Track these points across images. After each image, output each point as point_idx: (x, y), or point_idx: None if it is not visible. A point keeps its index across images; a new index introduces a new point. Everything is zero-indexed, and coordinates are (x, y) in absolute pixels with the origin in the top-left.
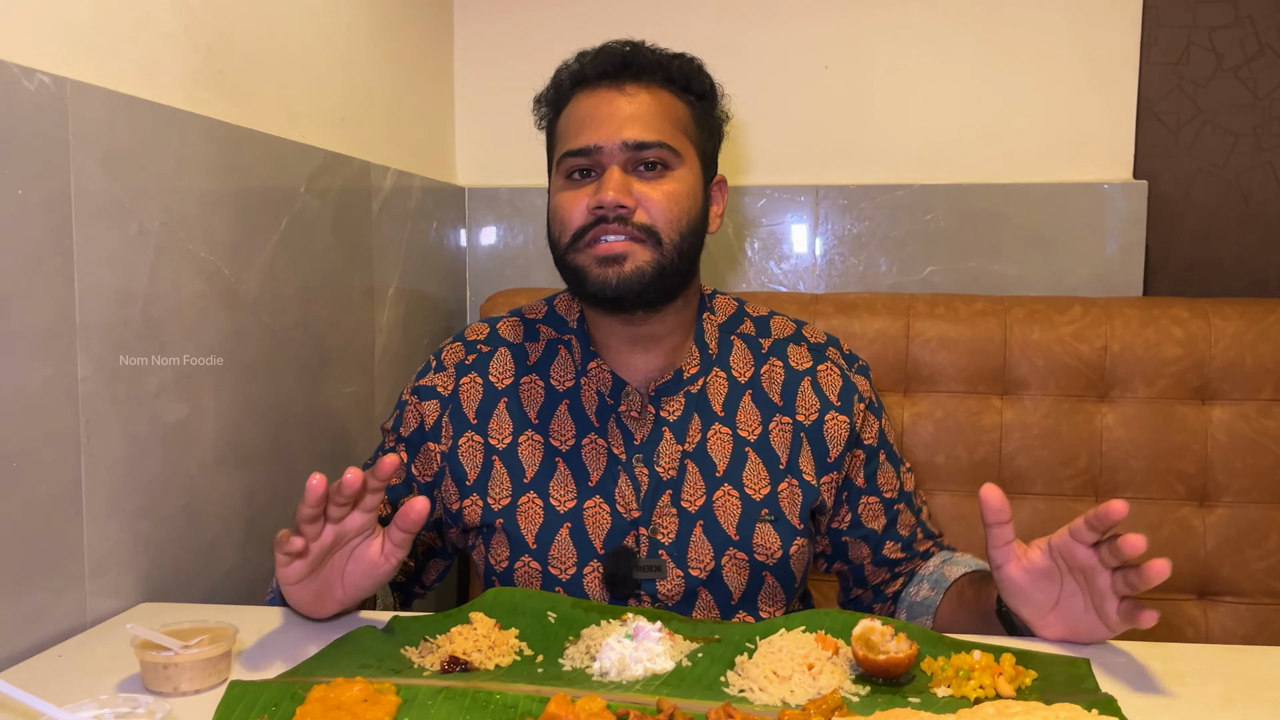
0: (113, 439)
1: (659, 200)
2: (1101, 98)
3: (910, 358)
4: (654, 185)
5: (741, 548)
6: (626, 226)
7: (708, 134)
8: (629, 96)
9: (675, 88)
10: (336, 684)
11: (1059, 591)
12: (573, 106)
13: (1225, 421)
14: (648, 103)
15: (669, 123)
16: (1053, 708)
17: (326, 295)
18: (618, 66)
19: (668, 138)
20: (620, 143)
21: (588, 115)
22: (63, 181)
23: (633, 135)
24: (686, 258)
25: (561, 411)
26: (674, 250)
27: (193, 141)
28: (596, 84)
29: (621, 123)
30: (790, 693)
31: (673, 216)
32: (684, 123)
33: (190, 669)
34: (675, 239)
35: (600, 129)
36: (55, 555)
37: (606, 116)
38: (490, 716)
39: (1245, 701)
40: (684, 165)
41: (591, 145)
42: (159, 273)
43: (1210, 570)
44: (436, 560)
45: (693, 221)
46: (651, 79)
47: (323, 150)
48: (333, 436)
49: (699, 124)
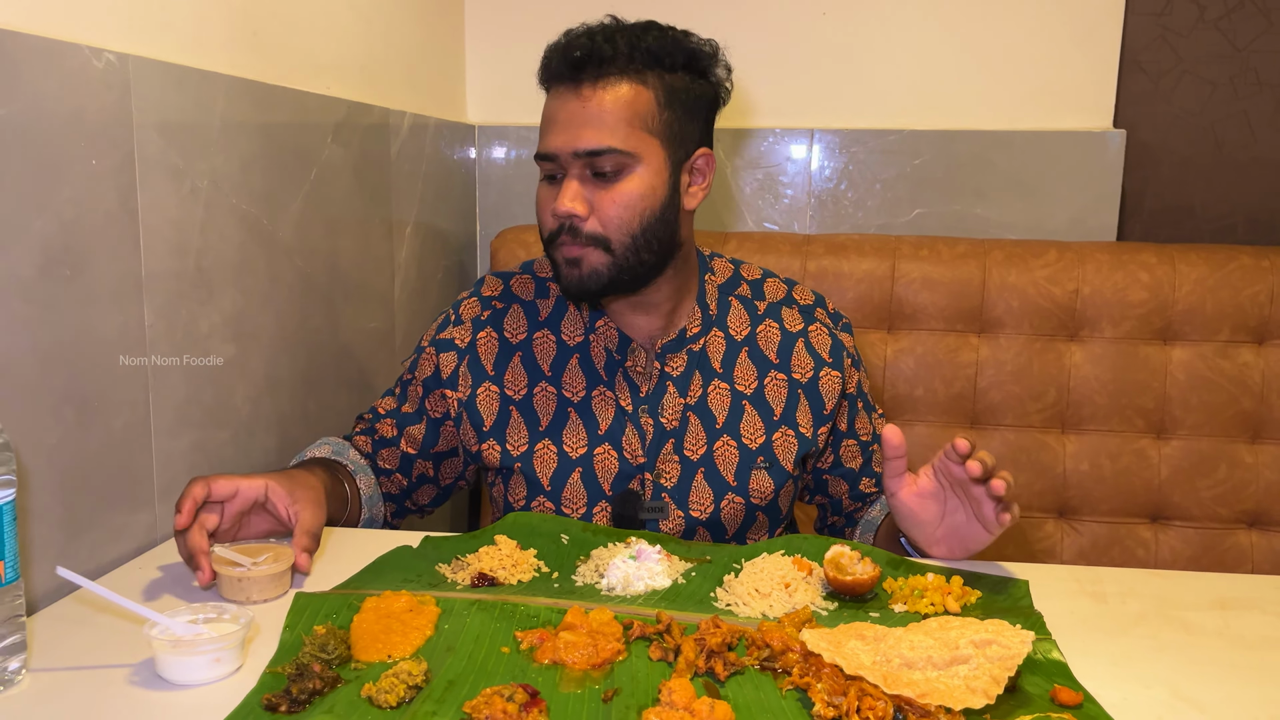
0: (174, 377)
1: (609, 207)
2: (1086, 48)
3: (895, 297)
4: (607, 191)
5: (739, 492)
6: (578, 237)
7: (680, 111)
8: (584, 100)
9: (642, 73)
10: (386, 596)
11: (943, 509)
12: (547, 101)
13: (1184, 361)
14: (604, 104)
15: (624, 122)
16: (984, 622)
17: (350, 236)
18: (576, 65)
19: (620, 140)
20: (573, 151)
21: (549, 119)
22: (127, 150)
23: (584, 144)
24: (648, 249)
25: (573, 365)
26: (627, 250)
27: (234, 103)
28: (559, 83)
29: (576, 131)
30: (770, 607)
31: (623, 221)
32: (645, 115)
33: (260, 582)
34: (627, 240)
35: (557, 136)
36: (130, 480)
37: (564, 122)
38: (517, 624)
39: (1156, 619)
40: (641, 164)
41: (550, 152)
42: (208, 227)
43: (1163, 497)
44: (429, 486)
45: (650, 216)
46: (611, 72)
47: (345, 101)
48: (358, 366)
49: (671, 104)
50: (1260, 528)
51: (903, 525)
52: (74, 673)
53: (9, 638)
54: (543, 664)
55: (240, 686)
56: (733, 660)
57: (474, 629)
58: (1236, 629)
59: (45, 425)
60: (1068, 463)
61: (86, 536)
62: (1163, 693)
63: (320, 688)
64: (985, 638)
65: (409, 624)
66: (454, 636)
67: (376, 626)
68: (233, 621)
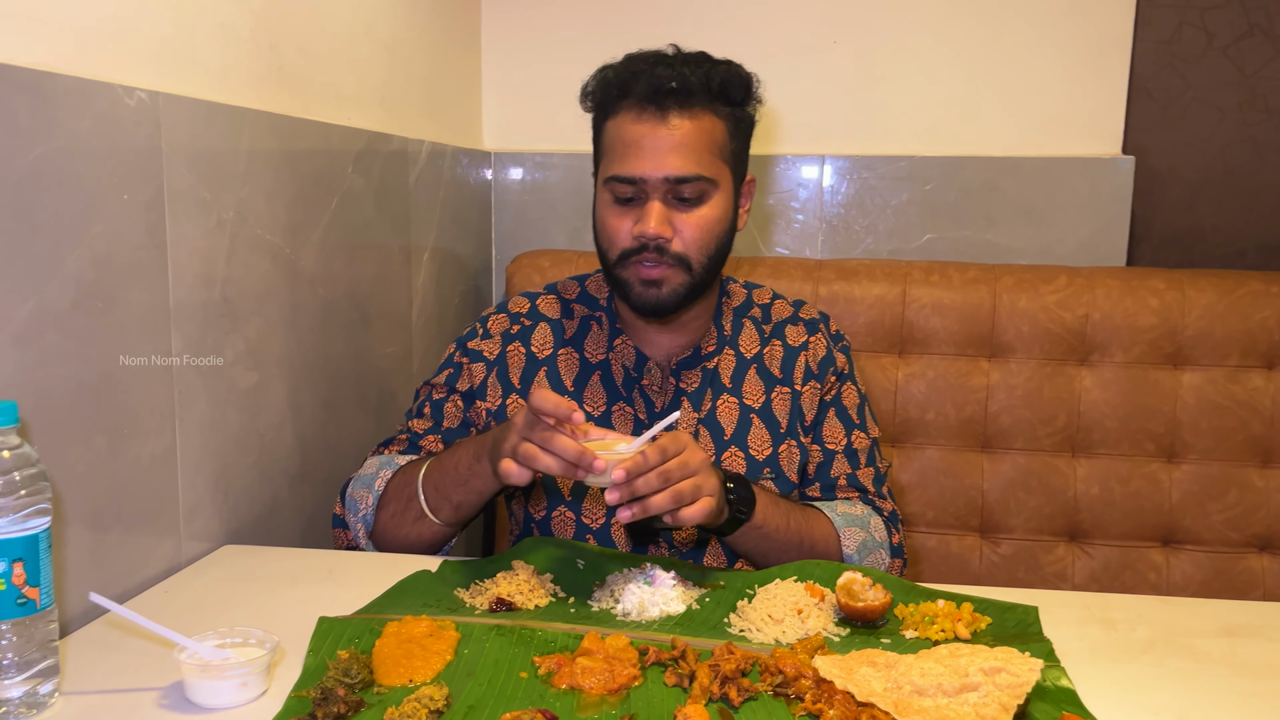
0: (199, 405)
1: (693, 231)
2: (1095, 75)
3: (906, 322)
4: (690, 216)
5: None
6: (664, 256)
7: (741, 141)
8: (671, 129)
9: (716, 105)
10: (407, 621)
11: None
12: (619, 122)
13: (1194, 386)
14: (690, 133)
15: (708, 152)
16: (994, 650)
17: (370, 262)
18: (664, 93)
19: (705, 168)
20: (662, 177)
21: (633, 143)
22: (157, 184)
23: (674, 170)
24: (715, 271)
25: (594, 381)
26: (703, 271)
27: (259, 136)
28: (643, 108)
29: (664, 157)
30: (783, 633)
31: (704, 244)
32: (721, 144)
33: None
34: (705, 261)
35: (644, 161)
36: (157, 505)
37: (651, 149)
38: (534, 649)
39: (1164, 646)
40: (719, 191)
41: (637, 176)
42: (234, 257)
43: (1174, 521)
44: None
45: (722, 239)
46: (696, 103)
47: (366, 131)
48: (377, 391)
49: (734, 134)
50: (1271, 552)
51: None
52: (105, 696)
53: (43, 662)
54: (560, 689)
55: (266, 710)
56: (746, 686)
57: (493, 654)
58: (1243, 656)
59: (78, 454)
60: (1078, 486)
61: (115, 561)
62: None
63: (344, 711)
64: (995, 665)
65: (430, 649)
66: (474, 661)
67: (398, 651)
68: (259, 646)
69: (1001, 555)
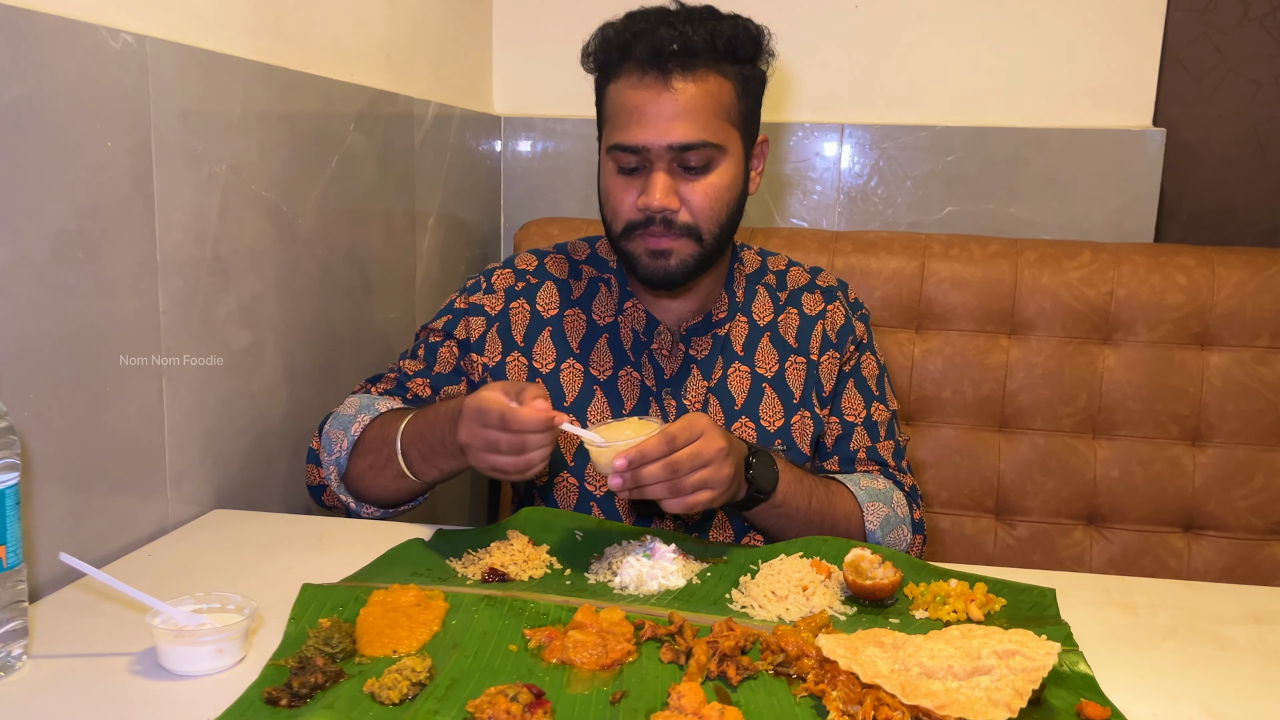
0: (189, 364)
1: (701, 200)
2: (1126, 44)
3: (924, 296)
4: (697, 184)
5: None
6: (671, 228)
7: (751, 101)
8: (674, 93)
9: (723, 64)
10: (393, 589)
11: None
12: (620, 87)
13: (1221, 367)
14: (694, 97)
15: (714, 115)
16: (1008, 632)
17: (372, 226)
18: (666, 55)
19: (712, 134)
20: (666, 145)
21: (635, 109)
22: (143, 133)
23: (678, 138)
24: (726, 239)
25: (601, 344)
26: (714, 239)
27: (255, 88)
28: (645, 71)
29: (667, 124)
30: (786, 610)
31: (714, 212)
32: (728, 106)
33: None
34: (715, 231)
35: (647, 129)
36: (142, 467)
37: (654, 115)
38: (526, 622)
39: (1187, 632)
40: (727, 156)
41: (640, 145)
42: (227, 214)
43: (1197, 506)
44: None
45: (733, 206)
46: (700, 64)
47: (370, 88)
48: (378, 359)
49: (743, 94)
50: None
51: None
52: (76, 660)
53: (10, 623)
54: (550, 663)
55: (242, 679)
56: (746, 664)
57: (481, 625)
58: (1271, 644)
59: (55, 411)
60: (1098, 469)
61: (96, 524)
62: (1193, 709)
63: (322, 681)
64: (1009, 648)
65: (415, 619)
66: (461, 633)
67: (382, 621)
68: (237, 612)
69: (1017, 538)
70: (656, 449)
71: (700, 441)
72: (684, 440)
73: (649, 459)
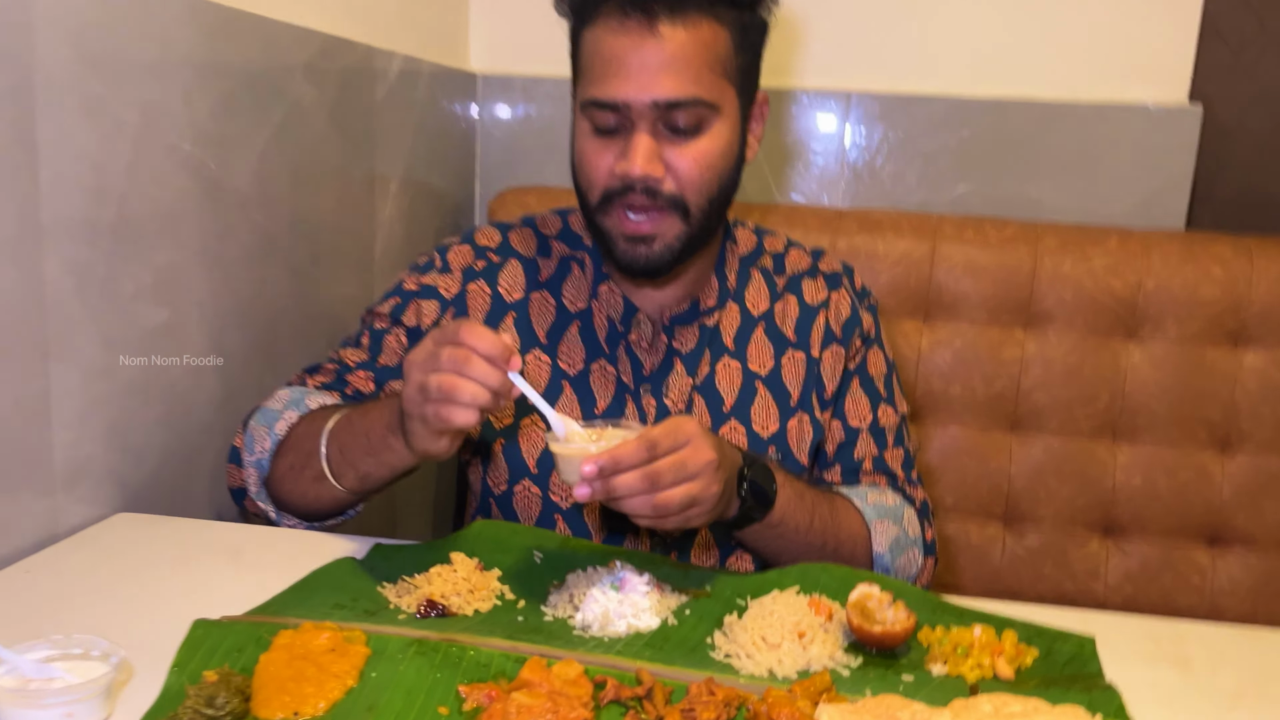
0: (85, 345)
1: (690, 167)
2: (1161, 12)
3: (934, 283)
4: (685, 149)
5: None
6: (655, 199)
7: (750, 53)
8: (661, 39)
9: (718, 9)
10: (304, 630)
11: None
12: (598, 32)
13: (1258, 368)
14: (684, 45)
15: (706, 68)
16: (1054, 709)
17: (323, 190)
18: None
19: (704, 89)
20: (650, 102)
21: (614, 58)
22: (24, 68)
23: (664, 93)
24: (717, 214)
25: (572, 333)
26: (703, 216)
27: (177, 24)
28: (626, 14)
29: (652, 76)
30: (779, 662)
31: (704, 183)
32: (724, 58)
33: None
34: (704, 205)
35: (628, 82)
36: (22, 466)
37: (636, 66)
38: (462, 675)
39: (1257, 695)
40: (721, 116)
41: (619, 101)
42: (137, 169)
43: (1224, 519)
44: None
45: (726, 175)
46: (691, 8)
47: (321, 33)
48: (328, 339)
49: (741, 45)
50: None
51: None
52: None
53: None
54: None
55: None
56: None
57: (408, 679)
58: None
59: None
60: (1118, 475)
61: None
62: None
63: None
64: None
65: (326, 669)
66: (380, 690)
67: (286, 672)
68: (101, 661)
69: (1026, 548)
70: (633, 455)
71: (686, 450)
72: (667, 447)
73: (623, 466)
